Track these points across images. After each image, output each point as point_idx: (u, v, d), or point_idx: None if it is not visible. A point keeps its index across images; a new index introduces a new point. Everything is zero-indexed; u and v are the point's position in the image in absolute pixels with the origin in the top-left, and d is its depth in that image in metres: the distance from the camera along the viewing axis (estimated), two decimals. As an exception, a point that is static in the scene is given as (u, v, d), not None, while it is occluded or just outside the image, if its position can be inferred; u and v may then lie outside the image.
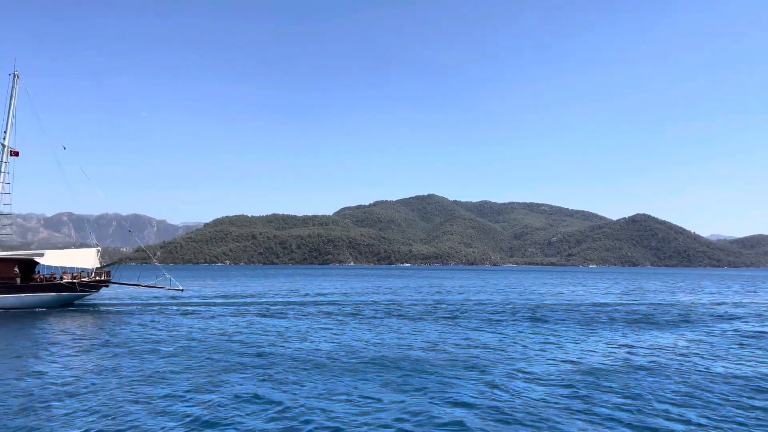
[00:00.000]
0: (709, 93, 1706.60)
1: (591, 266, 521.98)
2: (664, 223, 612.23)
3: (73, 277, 45.80)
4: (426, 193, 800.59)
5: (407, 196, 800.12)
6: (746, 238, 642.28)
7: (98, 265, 47.51)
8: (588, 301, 51.42)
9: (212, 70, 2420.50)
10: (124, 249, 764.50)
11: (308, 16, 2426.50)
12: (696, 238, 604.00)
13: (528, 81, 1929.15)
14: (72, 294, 45.28)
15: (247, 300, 51.96)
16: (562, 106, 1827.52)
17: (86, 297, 47.58)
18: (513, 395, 15.08)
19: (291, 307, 44.68)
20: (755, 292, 73.58)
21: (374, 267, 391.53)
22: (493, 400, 14.61)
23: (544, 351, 22.30)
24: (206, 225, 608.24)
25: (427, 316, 36.43)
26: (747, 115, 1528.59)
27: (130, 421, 12.64)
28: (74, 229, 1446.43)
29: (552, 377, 17.34)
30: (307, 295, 61.51)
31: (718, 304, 49.39)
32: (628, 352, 22.04)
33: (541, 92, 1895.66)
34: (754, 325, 31.98)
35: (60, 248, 54.27)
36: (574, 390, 15.64)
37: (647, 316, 36.79)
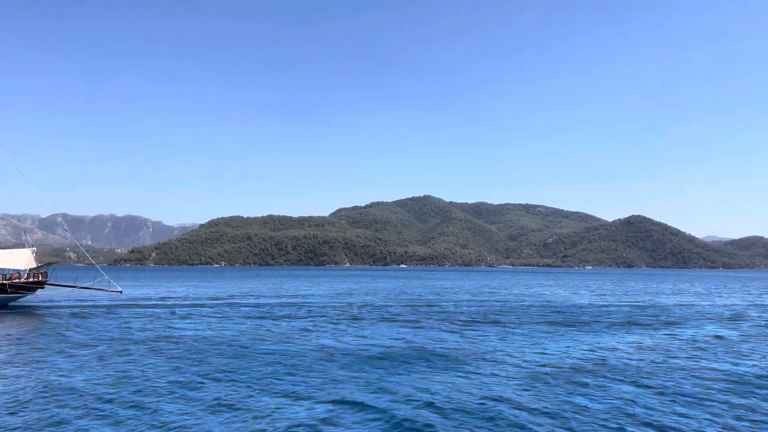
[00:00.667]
0: (706, 94, 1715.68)
1: (587, 267, 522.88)
2: (659, 224, 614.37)
3: (4, 279, 44.32)
4: (422, 194, 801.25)
5: (403, 197, 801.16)
6: (741, 240, 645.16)
7: (33, 266, 45.85)
8: (564, 303, 50.75)
9: (209, 71, 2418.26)
10: (119, 250, 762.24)
11: (306, 16, 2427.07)
12: (691, 239, 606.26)
13: (525, 82, 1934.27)
14: (3, 296, 43.66)
15: (179, 302, 49.38)
16: (558, 107, 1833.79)
17: (20, 299, 45.92)
18: (428, 401, 14.50)
19: (211, 307, 43.78)
20: (736, 293, 73.34)
21: (369, 268, 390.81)
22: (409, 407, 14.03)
23: (483, 352, 21.71)
24: (201, 226, 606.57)
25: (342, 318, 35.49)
26: (743, 116, 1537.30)
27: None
28: (69, 229, 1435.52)
29: (488, 379, 16.81)
30: (247, 296, 59.47)
31: (690, 305, 48.80)
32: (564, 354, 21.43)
33: (538, 93, 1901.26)
34: (713, 329, 31.37)
35: (49, 249, 52.97)
36: (508, 392, 15.11)
37: (612, 317, 36.20)
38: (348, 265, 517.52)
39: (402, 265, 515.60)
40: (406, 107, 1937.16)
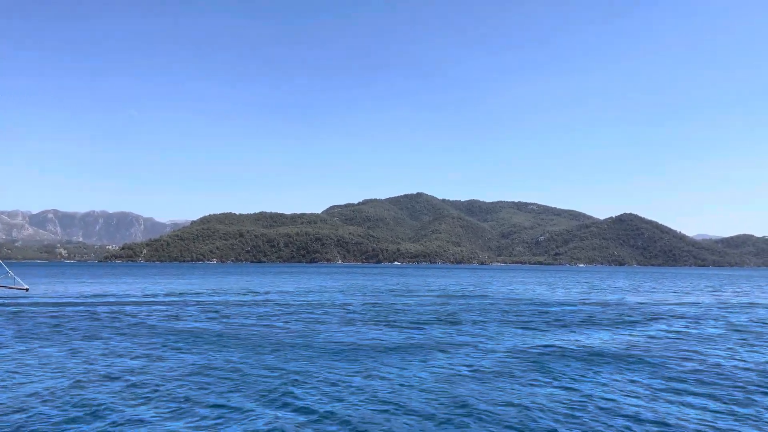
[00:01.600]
0: (698, 94, 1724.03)
1: (580, 265, 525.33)
2: (650, 222, 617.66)
3: None
4: (415, 192, 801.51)
5: (396, 195, 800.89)
6: (731, 238, 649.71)
7: None
8: (532, 301, 50.84)
9: (203, 68, 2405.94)
10: (110, 246, 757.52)
11: (301, 14, 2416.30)
12: (682, 237, 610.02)
13: (519, 81, 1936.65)
14: None
15: (88, 300, 46.94)
16: (551, 106, 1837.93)
17: None
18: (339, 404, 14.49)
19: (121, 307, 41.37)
20: (719, 291, 73.87)
21: (361, 266, 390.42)
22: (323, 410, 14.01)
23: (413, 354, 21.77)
24: (193, 223, 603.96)
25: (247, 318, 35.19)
26: (734, 116, 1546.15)
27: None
28: (60, 226, 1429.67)
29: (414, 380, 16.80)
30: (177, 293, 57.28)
31: (656, 304, 49.01)
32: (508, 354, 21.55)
33: (532, 93, 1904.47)
34: (676, 325, 31.59)
35: (39, 245, 51.73)
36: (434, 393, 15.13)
37: (582, 316, 36.40)
38: (340, 262, 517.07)
39: (396, 263, 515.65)
40: (400, 105, 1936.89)
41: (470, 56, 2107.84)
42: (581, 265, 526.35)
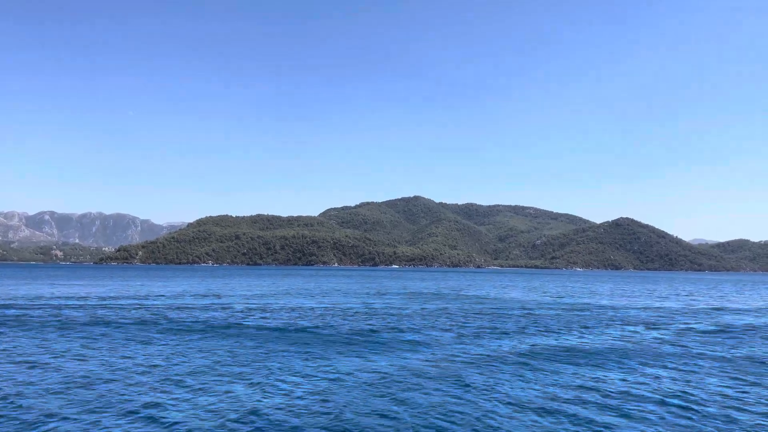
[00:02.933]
0: (693, 98, 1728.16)
1: (577, 269, 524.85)
2: (646, 227, 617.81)
3: None
4: (412, 195, 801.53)
5: (393, 198, 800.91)
6: (727, 243, 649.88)
7: None
8: (499, 306, 50.57)
9: (200, 69, 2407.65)
10: (106, 248, 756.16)
11: (297, 15, 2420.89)
12: (678, 242, 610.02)
13: (517, 85, 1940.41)
14: None
15: (20, 302, 45.97)
16: (548, 110, 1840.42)
17: None
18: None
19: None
20: (697, 296, 73.61)
21: (357, 269, 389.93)
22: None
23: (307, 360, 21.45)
24: (189, 225, 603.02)
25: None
26: (731, 120, 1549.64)
27: None
28: (56, 227, 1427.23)
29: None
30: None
31: (624, 308, 48.65)
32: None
33: (529, 96, 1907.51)
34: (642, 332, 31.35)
35: (35, 247, 50.75)
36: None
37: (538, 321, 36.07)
38: (336, 265, 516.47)
39: (393, 266, 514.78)
40: (397, 108, 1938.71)
41: (469, 58, 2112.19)
42: (578, 269, 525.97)
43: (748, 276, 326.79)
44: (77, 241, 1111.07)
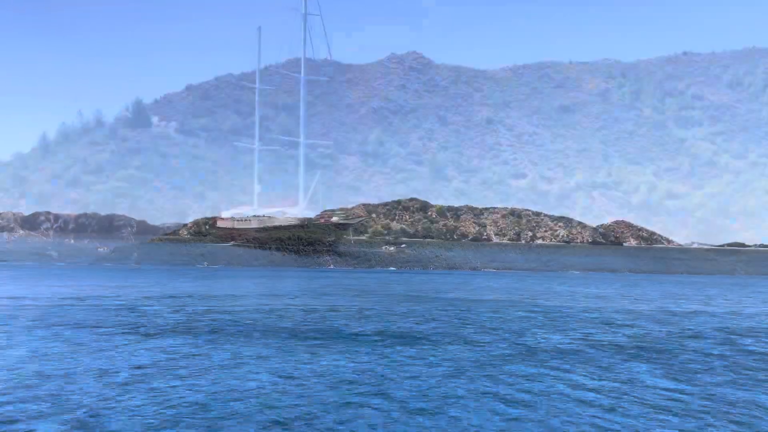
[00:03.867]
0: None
1: (575, 272, 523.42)
2: (642, 229, 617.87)
3: None
4: (408, 198, 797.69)
5: (390, 200, 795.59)
6: (723, 247, 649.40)
7: None
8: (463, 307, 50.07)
9: (196, 69, 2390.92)
10: (102, 249, 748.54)
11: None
12: (674, 245, 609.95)
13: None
14: None
15: None
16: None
17: None
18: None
19: None
20: (680, 299, 73.36)
21: (352, 270, 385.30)
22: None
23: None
24: (184, 226, 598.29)
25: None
26: (728, 122, 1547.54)
27: None
28: (52, 227, 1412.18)
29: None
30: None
31: (605, 311, 48.27)
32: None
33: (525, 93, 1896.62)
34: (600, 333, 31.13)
35: (30, 247, 50.40)
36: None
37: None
38: (332, 267, 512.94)
39: (391, 268, 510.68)
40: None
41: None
42: (576, 272, 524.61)
43: (741, 279, 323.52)
44: (73, 241, 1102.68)
